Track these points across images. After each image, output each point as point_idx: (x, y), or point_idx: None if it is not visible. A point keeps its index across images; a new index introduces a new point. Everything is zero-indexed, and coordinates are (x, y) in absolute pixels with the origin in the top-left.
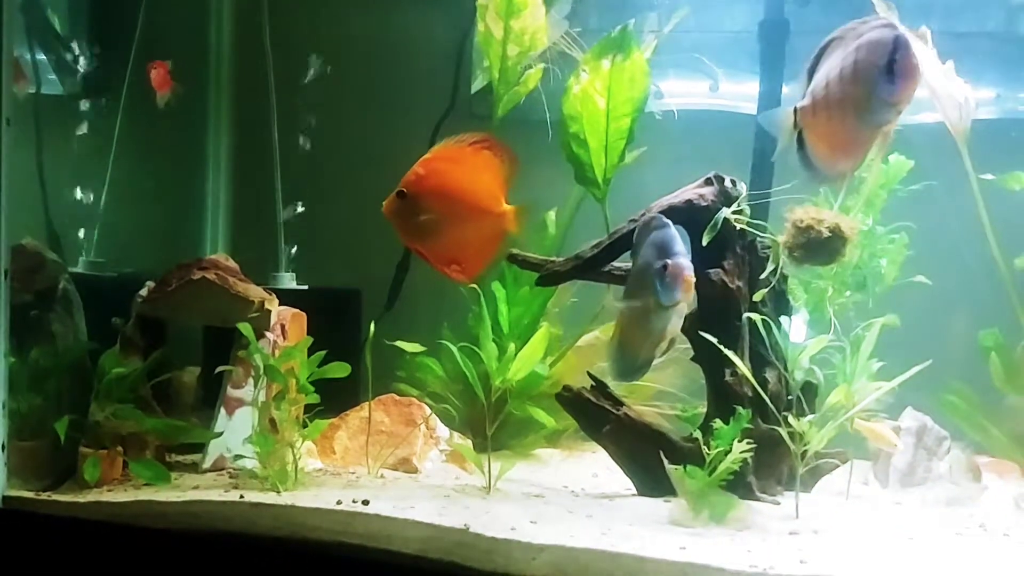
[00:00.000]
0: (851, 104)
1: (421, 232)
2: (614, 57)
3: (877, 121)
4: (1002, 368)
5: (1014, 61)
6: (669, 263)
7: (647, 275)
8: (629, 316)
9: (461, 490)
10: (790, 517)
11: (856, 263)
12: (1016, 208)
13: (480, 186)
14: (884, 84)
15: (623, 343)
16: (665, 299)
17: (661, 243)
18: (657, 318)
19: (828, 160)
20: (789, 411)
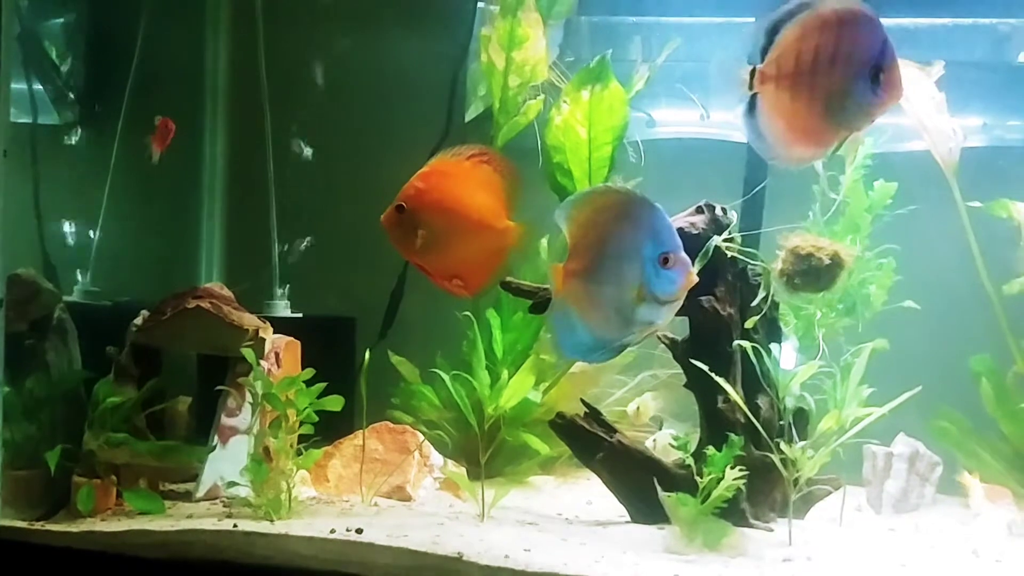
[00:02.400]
0: (823, 94)
1: (421, 246)
2: (593, 87)
3: (848, 123)
4: (993, 393)
5: (1000, 90)
6: (671, 255)
7: (634, 259)
8: (597, 295)
9: (455, 518)
10: (784, 544)
11: (846, 288)
12: (1003, 235)
13: (481, 200)
14: (866, 90)
15: (584, 319)
16: (660, 292)
17: (657, 229)
18: (644, 309)
19: (784, 141)
20: (781, 438)
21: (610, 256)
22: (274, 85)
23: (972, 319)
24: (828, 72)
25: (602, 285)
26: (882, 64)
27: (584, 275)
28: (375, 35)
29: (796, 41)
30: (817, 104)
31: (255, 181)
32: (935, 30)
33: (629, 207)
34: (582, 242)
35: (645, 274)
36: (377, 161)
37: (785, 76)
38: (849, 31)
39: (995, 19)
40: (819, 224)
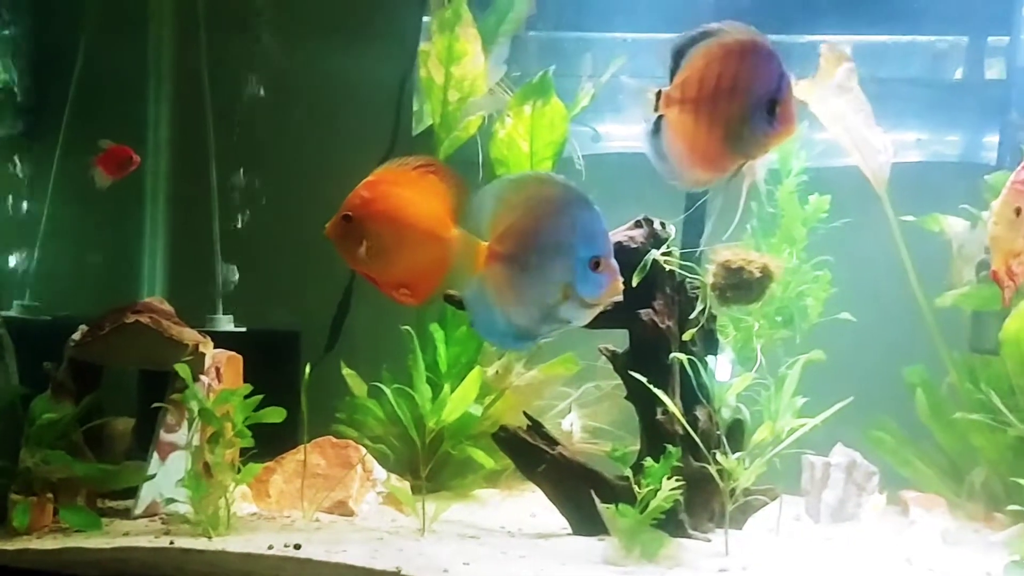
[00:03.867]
0: (723, 121)
1: (367, 256)
2: (535, 103)
3: (744, 151)
4: (927, 404)
5: (934, 106)
6: (602, 260)
7: (566, 256)
8: (519, 284)
9: (395, 532)
10: (720, 554)
11: (782, 300)
12: (936, 248)
13: (427, 209)
14: (762, 121)
15: (501, 304)
16: (587, 294)
17: (594, 231)
18: (566, 308)
19: (684, 163)
20: (719, 449)
21: (542, 249)
22: (219, 98)
23: (907, 331)
24: (728, 100)
25: (527, 275)
26: (778, 97)
27: (509, 261)
28: (323, 47)
29: (700, 67)
30: (717, 130)
31: (199, 194)
32: (874, 47)
33: (570, 204)
34: (513, 227)
35: (575, 274)
36: (325, 172)
37: (689, 100)
38: (748, 62)
39: (932, 37)
40: (757, 238)
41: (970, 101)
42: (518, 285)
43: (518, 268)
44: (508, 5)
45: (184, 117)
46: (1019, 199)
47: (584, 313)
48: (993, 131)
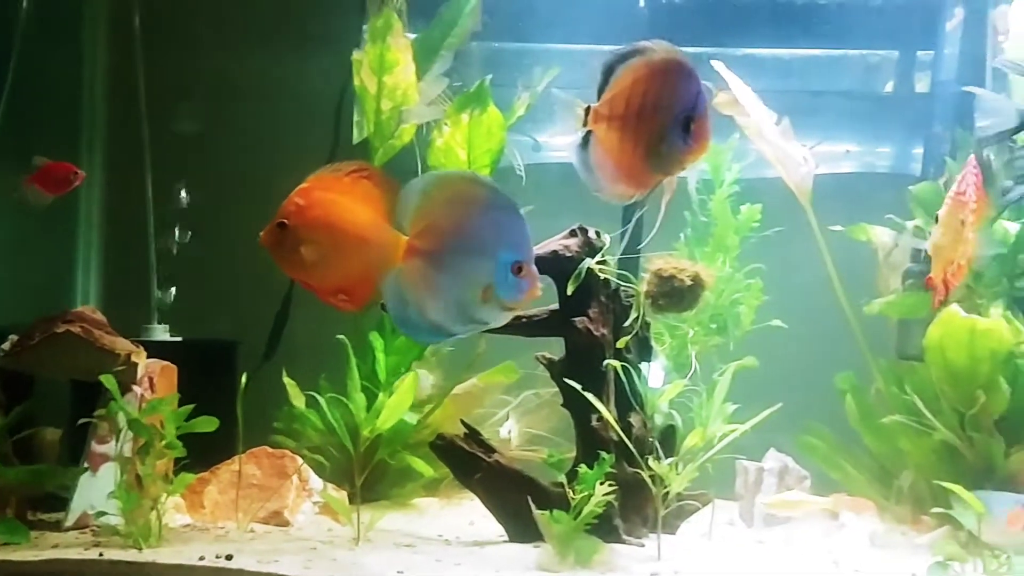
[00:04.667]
0: (645, 138)
1: (304, 263)
2: (472, 111)
3: (663, 168)
4: (856, 409)
5: (864, 118)
6: (524, 266)
7: (489, 259)
8: (439, 281)
9: (330, 542)
10: (653, 559)
11: (716, 308)
12: (865, 257)
13: (362, 214)
14: (678, 138)
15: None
16: (507, 297)
17: (519, 236)
18: (485, 310)
19: (609, 177)
20: (652, 454)
21: (465, 249)
22: (155, 101)
23: (838, 338)
24: (649, 118)
25: (448, 274)
26: (693, 115)
27: (430, 257)
28: (262, 57)
29: (627, 85)
30: (640, 147)
31: (134, 203)
32: (806, 60)
33: (496, 207)
34: (436, 223)
35: (496, 277)
36: (264, 181)
37: (616, 117)
38: (667, 80)
39: (864, 50)
40: (691, 246)
41: (898, 114)
42: (435, 281)
43: (436, 265)
44: (454, 19)
45: (119, 127)
46: (962, 210)
47: (502, 316)
48: (919, 143)
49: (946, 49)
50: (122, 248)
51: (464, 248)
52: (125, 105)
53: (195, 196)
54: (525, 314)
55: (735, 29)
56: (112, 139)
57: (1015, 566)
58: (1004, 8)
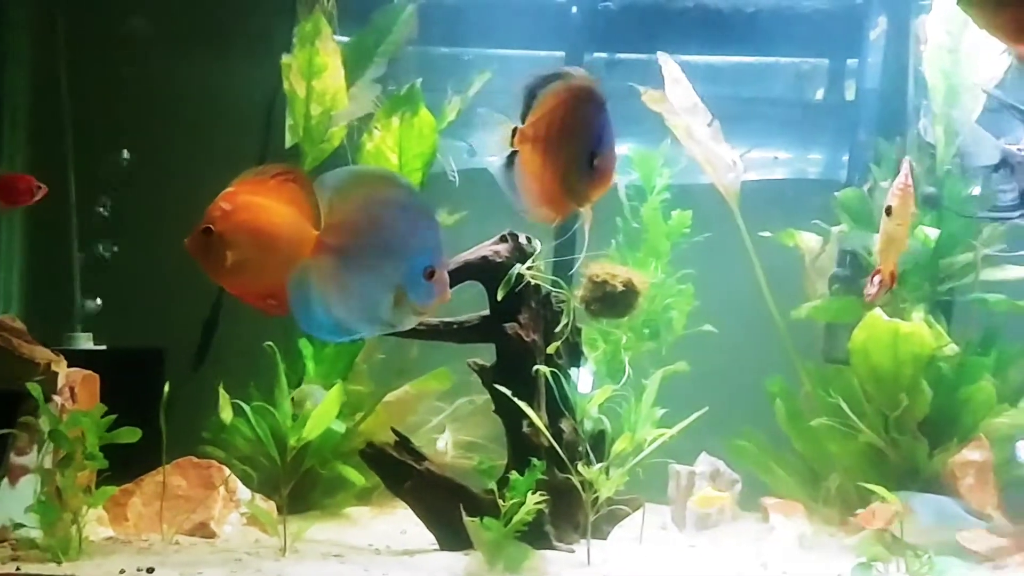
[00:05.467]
0: (561, 165)
1: (231, 268)
2: (403, 115)
3: (574, 197)
4: (785, 413)
5: (794, 125)
6: (436, 270)
7: (401, 261)
8: (348, 280)
9: (256, 553)
10: (583, 564)
11: (649, 313)
12: (792, 262)
13: (289, 218)
14: (584, 173)
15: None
16: (418, 301)
17: (433, 240)
18: (395, 311)
19: (530, 199)
20: (583, 460)
21: (378, 250)
22: (78, 102)
23: (770, 342)
24: (565, 145)
25: (358, 273)
26: (598, 150)
27: (340, 255)
28: (192, 61)
29: (548, 109)
30: (557, 173)
31: (58, 209)
32: (739, 67)
33: (411, 209)
34: (348, 221)
35: (408, 280)
36: (193, 187)
37: (539, 139)
38: (578, 111)
39: (793, 58)
40: (622, 252)
41: (827, 121)
42: (344, 279)
43: (349, 265)
44: (388, 26)
45: (41, 131)
46: (911, 200)
47: (410, 319)
48: (847, 150)
49: (870, 58)
50: (44, 255)
51: (376, 248)
52: (49, 109)
53: (122, 201)
54: (456, 320)
55: (667, 36)
56: (34, 143)
57: (936, 565)
58: (924, 17)
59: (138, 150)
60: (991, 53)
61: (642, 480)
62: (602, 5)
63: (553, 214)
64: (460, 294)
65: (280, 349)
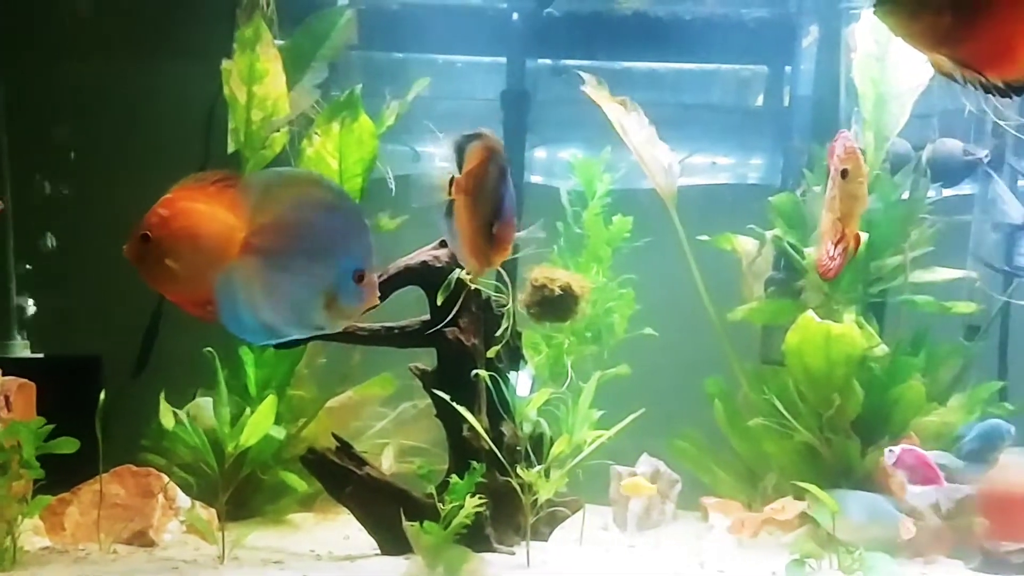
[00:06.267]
0: (481, 220)
1: (169, 275)
2: (343, 120)
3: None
4: (724, 413)
5: (733, 131)
6: (365, 274)
7: (331, 265)
8: (276, 282)
9: (194, 561)
10: (522, 566)
11: (591, 317)
12: (731, 265)
13: (228, 224)
14: (488, 237)
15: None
16: (346, 305)
17: (364, 244)
18: (323, 315)
19: (462, 249)
20: (524, 462)
21: (307, 252)
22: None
23: (711, 344)
24: (478, 206)
25: (286, 276)
26: (496, 219)
27: (268, 256)
28: (133, 64)
29: (474, 165)
30: (476, 229)
31: None
32: (680, 74)
33: (342, 212)
34: (277, 222)
35: (338, 283)
36: (134, 192)
37: (469, 193)
38: (487, 177)
39: (736, 65)
40: (564, 257)
41: (764, 127)
42: (271, 281)
43: (276, 266)
44: (324, 29)
45: None
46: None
47: (339, 323)
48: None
49: (804, 65)
50: None
51: (305, 251)
52: None
53: (63, 207)
54: (397, 325)
55: (608, 43)
56: None
57: (867, 561)
58: (854, 26)
59: (79, 155)
60: (917, 61)
61: (584, 482)
62: (546, 12)
63: (480, 265)
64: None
65: (222, 355)
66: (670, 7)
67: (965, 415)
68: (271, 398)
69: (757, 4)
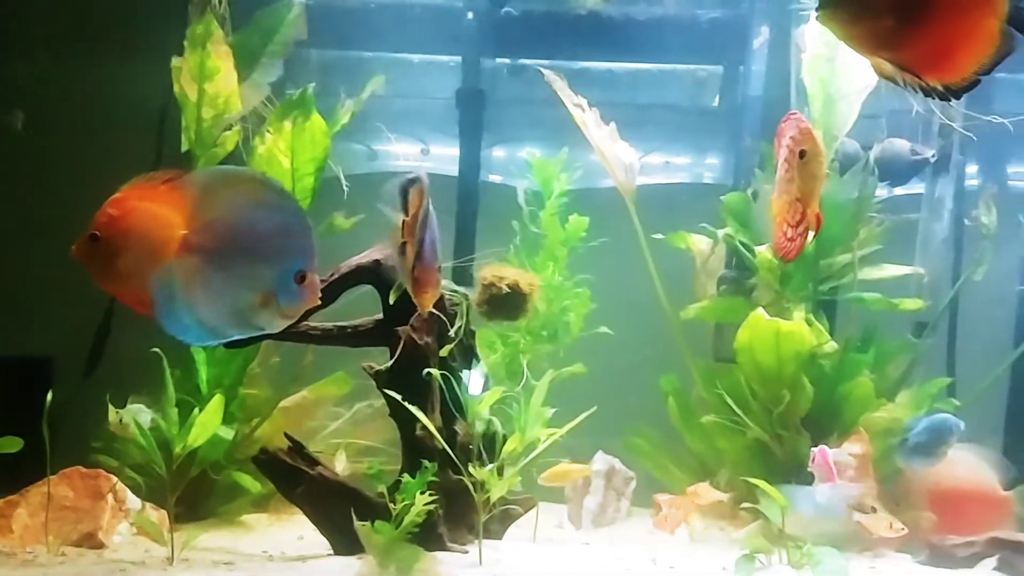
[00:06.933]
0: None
1: (119, 275)
2: (295, 119)
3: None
4: (678, 410)
5: (689, 131)
6: (307, 275)
7: (273, 265)
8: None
9: (142, 563)
10: (474, 564)
11: (547, 316)
12: (684, 264)
13: (178, 224)
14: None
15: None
16: (287, 305)
17: (306, 245)
18: (263, 315)
19: (413, 290)
20: (477, 461)
21: (248, 252)
22: None
23: (665, 342)
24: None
25: (226, 275)
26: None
27: (207, 255)
28: (84, 62)
29: (414, 210)
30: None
31: None
32: (636, 74)
33: (284, 212)
34: (217, 221)
35: (278, 284)
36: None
37: (409, 236)
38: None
39: (691, 65)
40: (520, 256)
41: (719, 127)
42: (211, 281)
43: (216, 265)
44: (273, 25)
45: None
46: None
47: (280, 323)
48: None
49: (755, 66)
50: None
51: (246, 250)
52: None
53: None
54: (350, 324)
55: (563, 42)
56: None
57: (815, 555)
58: (803, 27)
59: (30, 153)
60: (865, 63)
61: (534, 480)
62: (504, 11)
63: (426, 303)
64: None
65: (174, 355)
66: (624, 7)
67: (913, 411)
68: (219, 397)
69: (711, 5)
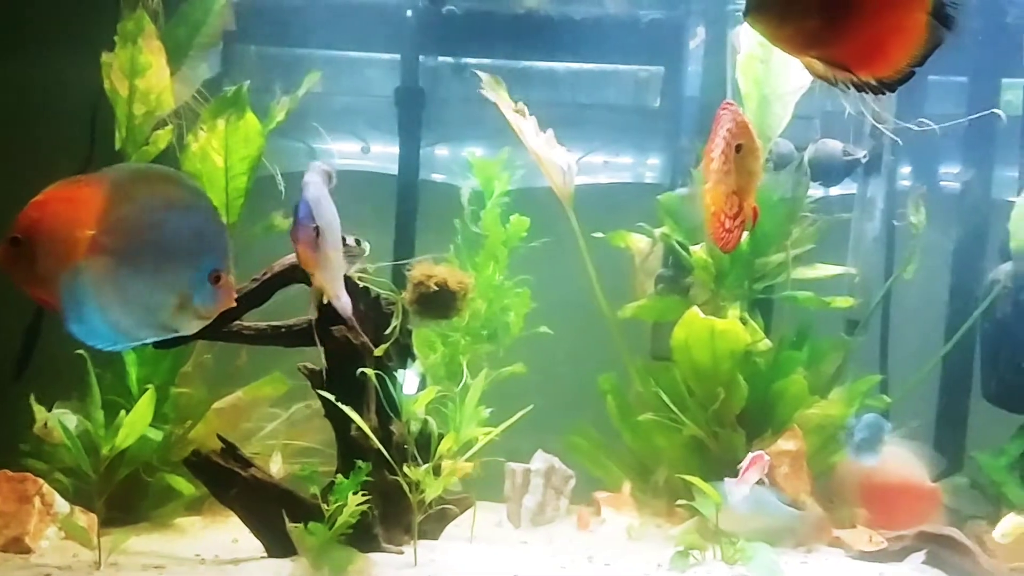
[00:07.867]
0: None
1: (41, 279)
2: (229, 117)
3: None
4: (617, 409)
5: (629, 130)
6: (222, 275)
7: (187, 265)
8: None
9: (68, 568)
10: (409, 565)
11: (487, 316)
12: (625, 263)
13: (81, 223)
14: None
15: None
16: (202, 306)
17: (221, 244)
18: (178, 317)
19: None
20: (413, 461)
21: (160, 252)
22: None
23: (605, 341)
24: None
25: (138, 276)
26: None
27: (117, 256)
28: (12, 56)
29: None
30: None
31: None
32: (577, 74)
33: (198, 210)
34: (127, 220)
35: (193, 284)
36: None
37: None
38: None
39: (632, 66)
40: (461, 255)
41: (661, 127)
42: (123, 283)
43: (127, 266)
44: (200, 17)
45: None
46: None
47: (196, 324)
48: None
49: (692, 66)
50: None
51: (158, 250)
52: None
53: None
54: (284, 324)
55: (504, 42)
56: None
57: (748, 551)
58: (739, 28)
59: None
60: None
61: (479, 479)
62: (446, 9)
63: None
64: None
65: (104, 356)
66: (565, 7)
67: (845, 407)
68: (145, 399)
69: (649, 5)
